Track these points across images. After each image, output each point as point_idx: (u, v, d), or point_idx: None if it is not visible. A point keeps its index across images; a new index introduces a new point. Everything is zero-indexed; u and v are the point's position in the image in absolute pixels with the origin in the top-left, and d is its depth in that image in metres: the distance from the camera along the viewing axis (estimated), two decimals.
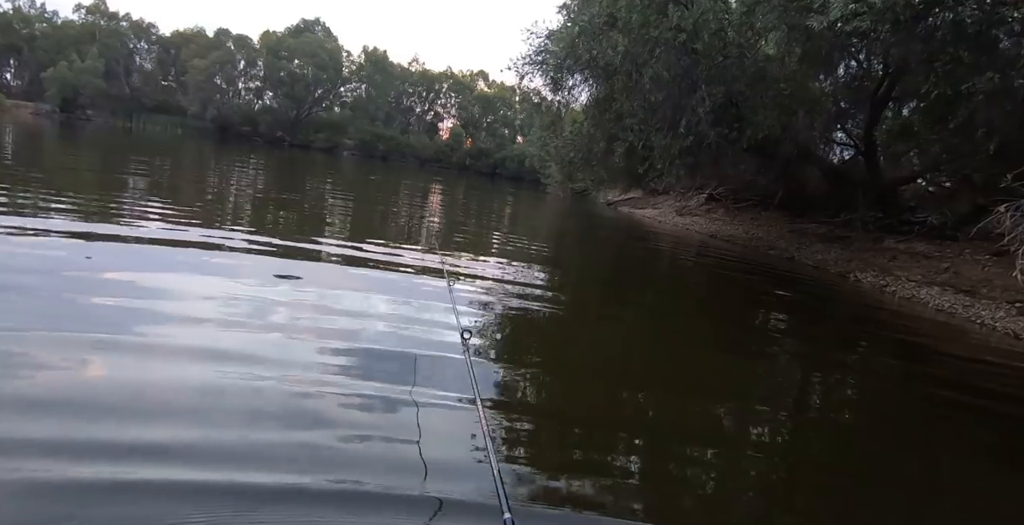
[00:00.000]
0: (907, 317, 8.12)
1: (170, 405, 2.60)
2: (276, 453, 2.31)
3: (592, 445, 2.96)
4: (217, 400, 2.69)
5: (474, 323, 4.55)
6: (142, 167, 15.21)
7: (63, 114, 48.72)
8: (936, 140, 10.25)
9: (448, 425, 2.85)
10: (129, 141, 28.11)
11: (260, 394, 2.80)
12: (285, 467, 2.21)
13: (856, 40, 10.44)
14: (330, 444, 2.45)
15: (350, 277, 5.61)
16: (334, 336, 3.75)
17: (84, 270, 4.42)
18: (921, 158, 12.74)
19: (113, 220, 6.67)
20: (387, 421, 2.78)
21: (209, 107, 51.45)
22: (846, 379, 5.16)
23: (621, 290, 7.90)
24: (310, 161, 33.58)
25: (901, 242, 12.52)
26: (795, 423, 3.82)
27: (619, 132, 11.93)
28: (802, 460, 3.27)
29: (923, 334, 7.29)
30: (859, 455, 3.41)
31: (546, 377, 3.83)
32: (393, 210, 13.58)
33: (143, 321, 3.51)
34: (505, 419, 2.95)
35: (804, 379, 5.02)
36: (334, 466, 2.27)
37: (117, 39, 54.66)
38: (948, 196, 12.29)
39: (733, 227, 18.29)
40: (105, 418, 2.40)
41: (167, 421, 2.46)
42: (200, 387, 2.80)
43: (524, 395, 3.45)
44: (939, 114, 8.85)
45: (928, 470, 3.40)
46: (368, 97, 58.10)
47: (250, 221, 8.51)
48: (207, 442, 2.32)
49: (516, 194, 31.84)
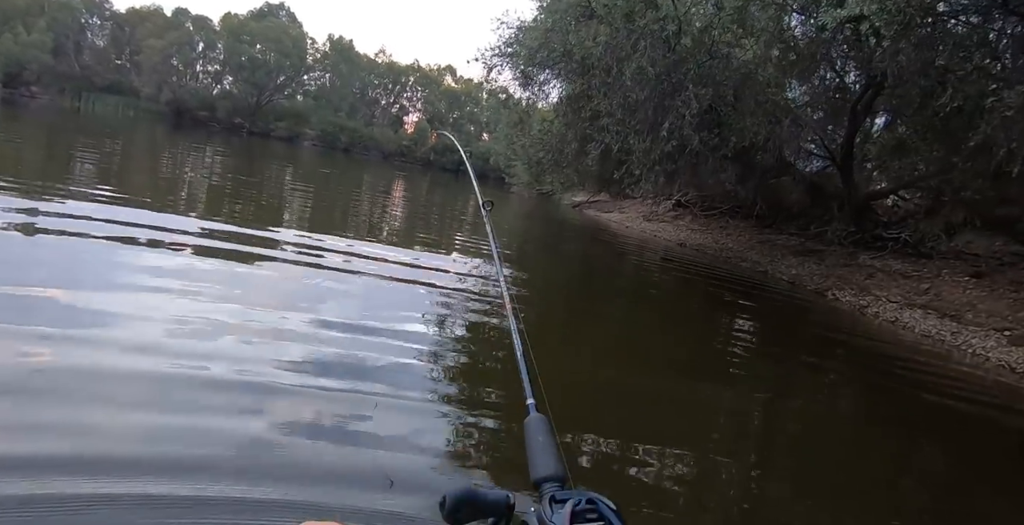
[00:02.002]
0: (897, 345, 7.58)
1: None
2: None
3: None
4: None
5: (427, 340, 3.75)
6: (91, 153, 13.82)
7: (6, 90, 45.91)
8: (936, 157, 9.82)
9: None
10: (77, 123, 26.25)
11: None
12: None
13: (846, 47, 9.97)
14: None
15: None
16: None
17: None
18: (900, 173, 12.36)
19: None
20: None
21: (164, 89, 49.06)
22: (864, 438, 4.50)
23: (589, 303, 7.18)
24: (269, 151, 32.09)
25: (876, 259, 12.15)
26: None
27: (594, 133, 11.20)
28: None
29: (922, 368, 6.73)
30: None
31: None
32: (352, 206, 12.63)
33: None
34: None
35: (801, 438, 4.34)
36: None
37: (68, 13, 51.75)
38: (926, 212, 11.93)
39: (702, 236, 17.82)
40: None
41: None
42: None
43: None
44: (943, 128, 8.38)
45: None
46: (332, 87, 56.44)
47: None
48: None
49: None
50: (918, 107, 8.65)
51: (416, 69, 59.10)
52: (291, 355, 3.28)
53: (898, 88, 8.50)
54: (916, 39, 6.07)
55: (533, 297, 6.88)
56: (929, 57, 6.28)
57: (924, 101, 8.01)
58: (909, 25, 5.69)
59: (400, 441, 2.61)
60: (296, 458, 2.28)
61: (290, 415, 2.64)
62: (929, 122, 8.67)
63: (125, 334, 3.13)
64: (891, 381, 5.84)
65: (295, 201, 11.96)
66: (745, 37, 8.55)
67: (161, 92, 48.92)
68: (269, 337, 3.54)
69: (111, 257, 4.65)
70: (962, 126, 7.45)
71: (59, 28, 49.51)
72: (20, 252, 4.40)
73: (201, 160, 17.83)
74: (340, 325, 3.94)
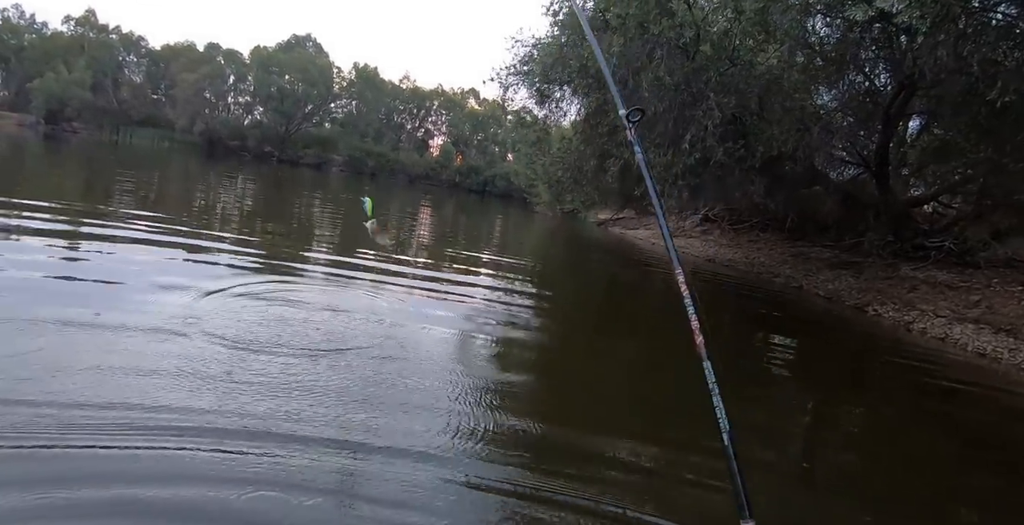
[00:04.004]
0: (950, 366, 6.96)
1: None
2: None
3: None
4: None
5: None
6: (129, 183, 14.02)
7: (48, 126, 47.86)
8: (982, 158, 9.21)
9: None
10: (117, 156, 26.96)
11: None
12: None
13: (875, 49, 9.50)
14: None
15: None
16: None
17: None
18: (943, 178, 11.70)
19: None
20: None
21: (197, 121, 50.51)
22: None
23: (614, 323, 6.77)
24: (297, 177, 32.52)
25: (918, 270, 11.45)
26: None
27: (613, 148, 10.85)
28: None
29: (986, 394, 6.14)
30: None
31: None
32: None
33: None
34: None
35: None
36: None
37: (106, 51, 53.98)
38: (974, 218, 11.23)
39: (732, 251, 17.21)
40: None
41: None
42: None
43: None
44: (988, 128, 7.82)
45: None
46: (358, 113, 57.42)
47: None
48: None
49: (505, 213, 30.74)
50: (959, 105, 8.11)
51: (440, 93, 59.77)
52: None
53: (935, 88, 8.00)
54: (956, 32, 5.62)
55: (558, 314, 6.52)
56: (972, 50, 5.80)
57: (965, 99, 7.50)
58: (947, 16, 5.26)
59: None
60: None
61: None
62: (973, 121, 8.11)
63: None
64: (956, 408, 5.30)
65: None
66: (768, 42, 8.17)
67: (194, 124, 50.34)
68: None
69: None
70: (1010, 124, 6.92)
71: (98, 66, 51.60)
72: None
73: (232, 190, 17.97)
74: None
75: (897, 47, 9.39)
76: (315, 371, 3.37)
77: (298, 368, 3.37)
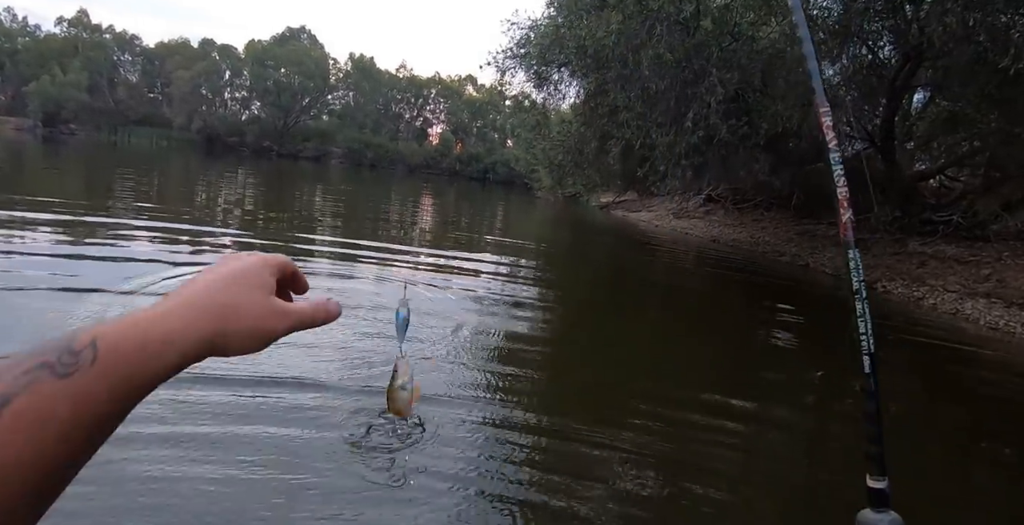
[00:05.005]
0: (965, 337, 6.85)
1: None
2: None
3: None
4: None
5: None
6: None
7: (46, 129, 47.74)
8: (994, 129, 9.01)
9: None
10: (115, 157, 26.84)
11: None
12: None
13: (879, 20, 9.29)
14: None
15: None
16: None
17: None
18: (951, 150, 11.50)
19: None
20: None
21: (195, 118, 50.39)
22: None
23: (619, 306, 6.69)
24: (296, 172, 32.38)
25: (927, 245, 11.30)
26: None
27: (613, 129, 10.68)
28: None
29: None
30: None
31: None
32: (373, 220, 12.38)
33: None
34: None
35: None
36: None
37: (100, 52, 53.73)
38: (983, 191, 11.05)
39: (736, 230, 17.05)
40: None
41: None
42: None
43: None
44: (1000, 97, 7.62)
45: None
46: (356, 104, 57.15)
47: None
48: None
49: (507, 200, 30.55)
50: (967, 75, 7.92)
51: (437, 81, 59.39)
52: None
53: (942, 58, 7.80)
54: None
55: (563, 298, 6.45)
56: (979, 19, 5.62)
57: (974, 69, 7.30)
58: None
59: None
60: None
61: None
62: (983, 91, 7.92)
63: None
64: (980, 386, 5.21)
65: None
66: (770, 15, 7.97)
67: (192, 121, 50.20)
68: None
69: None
70: (1023, 92, 6.73)
71: (93, 67, 51.37)
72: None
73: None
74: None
75: (902, 18, 9.19)
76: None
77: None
